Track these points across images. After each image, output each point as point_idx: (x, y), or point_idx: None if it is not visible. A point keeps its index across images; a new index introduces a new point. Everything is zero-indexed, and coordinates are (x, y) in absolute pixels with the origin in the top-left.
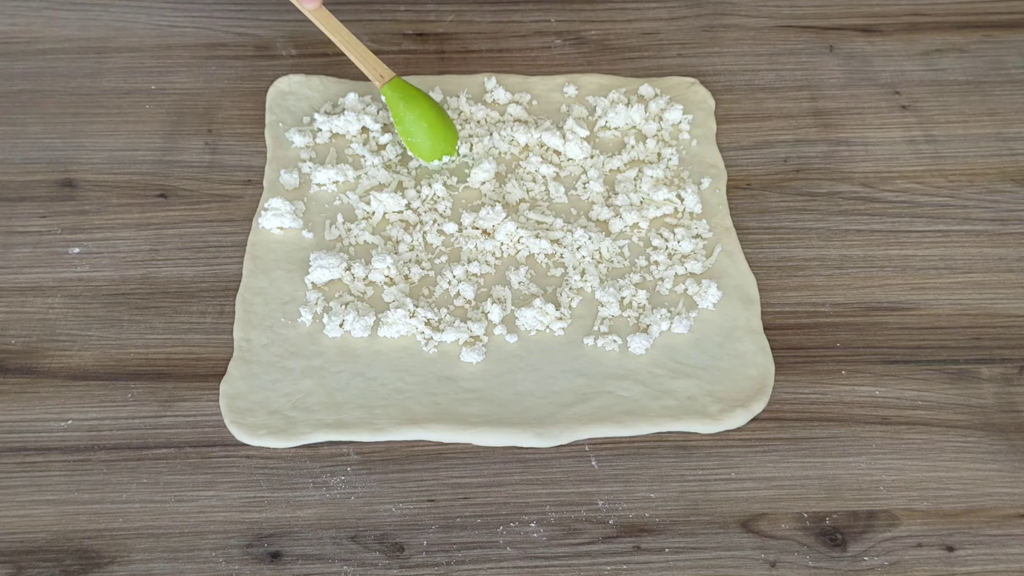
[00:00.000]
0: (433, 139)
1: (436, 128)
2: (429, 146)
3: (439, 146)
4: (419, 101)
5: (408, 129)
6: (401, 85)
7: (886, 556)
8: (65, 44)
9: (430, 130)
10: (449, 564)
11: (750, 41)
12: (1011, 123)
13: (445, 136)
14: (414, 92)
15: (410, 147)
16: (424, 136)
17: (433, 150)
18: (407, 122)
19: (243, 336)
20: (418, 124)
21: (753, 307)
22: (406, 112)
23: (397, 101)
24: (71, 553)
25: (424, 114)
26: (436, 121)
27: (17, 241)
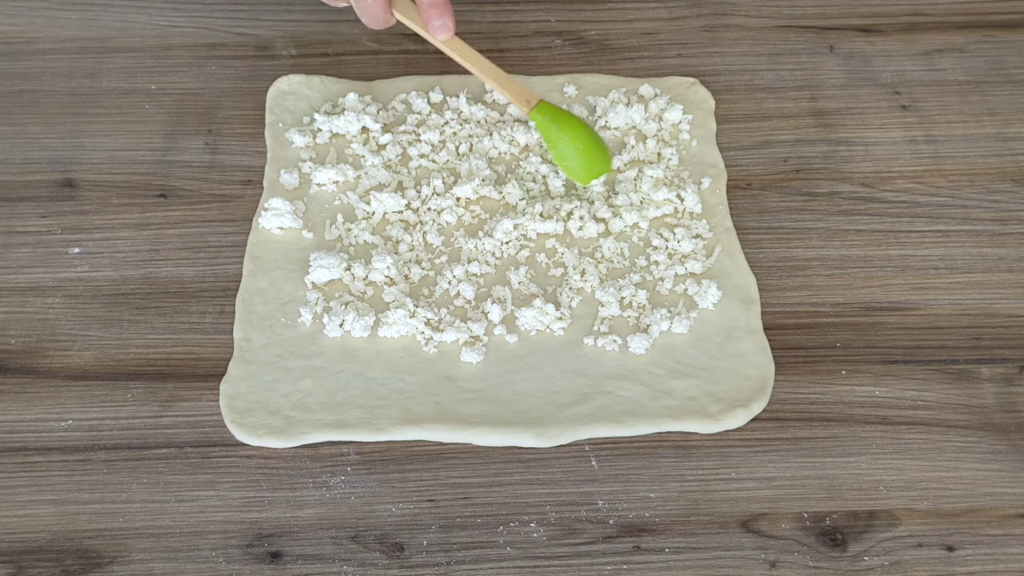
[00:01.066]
0: (589, 160)
1: (590, 148)
2: (585, 168)
3: (595, 166)
4: (570, 123)
5: (563, 153)
6: (549, 109)
7: (886, 556)
8: (65, 44)
9: (585, 152)
10: (449, 564)
11: (750, 41)
12: (1011, 123)
13: (600, 155)
14: (564, 115)
15: (565, 170)
16: (579, 158)
17: (589, 171)
18: (561, 145)
19: (243, 336)
20: (573, 146)
21: (753, 307)
22: (560, 136)
23: (548, 125)
24: (71, 553)
25: (578, 135)
26: (590, 141)
27: (17, 241)
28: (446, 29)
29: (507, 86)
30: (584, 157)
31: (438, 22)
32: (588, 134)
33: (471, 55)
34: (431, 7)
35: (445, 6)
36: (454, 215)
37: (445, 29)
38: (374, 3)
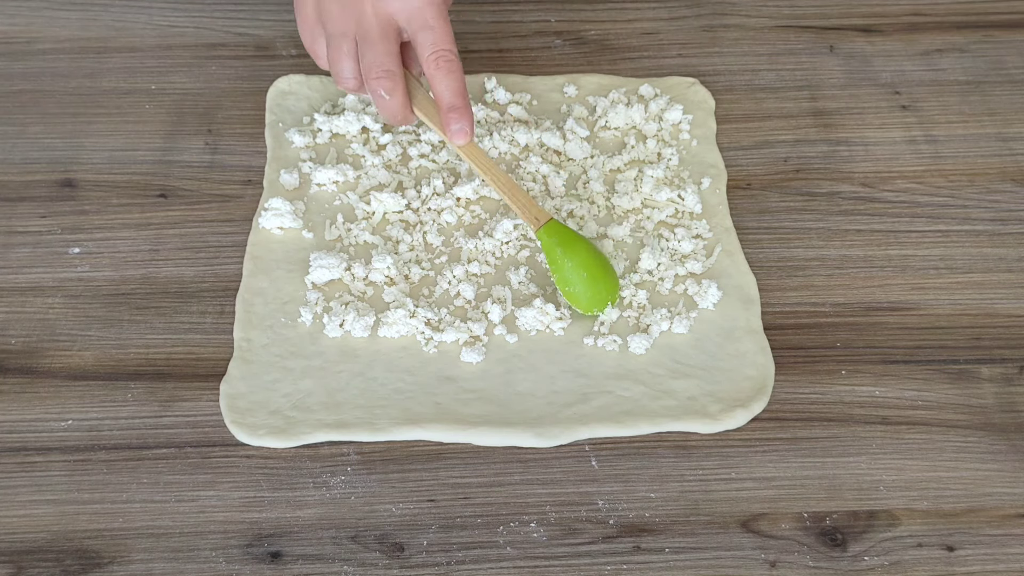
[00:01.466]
0: (592, 289)
1: (596, 278)
2: (587, 296)
3: (597, 296)
4: (577, 247)
5: (565, 277)
6: (558, 229)
7: (886, 556)
8: (65, 44)
9: (589, 280)
10: (449, 564)
11: (750, 41)
12: (1011, 123)
13: (606, 286)
14: (573, 237)
15: (565, 295)
16: (582, 285)
17: (591, 300)
18: (565, 270)
19: (243, 336)
20: (576, 273)
21: (753, 307)
22: (564, 259)
23: (553, 247)
24: (71, 553)
25: (583, 262)
26: (595, 270)
27: (17, 241)
28: (463, 134)
29: (519, 200)
30: (587, 285)
31: (456, 126)
32: (595, 261)
33: (486, 163)
34: (451, 111)
35: (464, 110)
36: (454, 215)
37: (462, 134)
38: (394, 102)
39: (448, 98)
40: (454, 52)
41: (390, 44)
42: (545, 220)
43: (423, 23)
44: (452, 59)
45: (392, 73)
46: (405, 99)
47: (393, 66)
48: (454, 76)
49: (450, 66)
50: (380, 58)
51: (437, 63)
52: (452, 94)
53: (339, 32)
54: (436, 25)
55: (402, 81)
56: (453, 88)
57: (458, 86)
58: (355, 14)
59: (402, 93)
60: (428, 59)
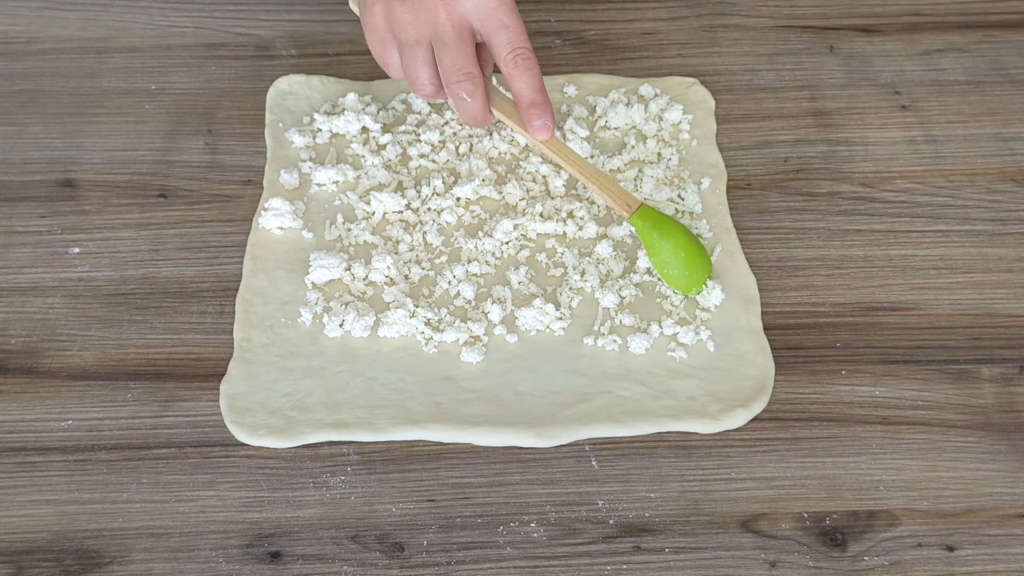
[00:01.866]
0: (690, 268)
1: (692, 256)
2: (686, 276)
3: (696, 274)
4: (672, 230)
5: (664, 260)
6: (650, 214)
7: (886, 556)
8: (65, 44)
9: (687, 260)
10: (449, 564)
11: (750, 41)
12: (1011, 123)
13: (702, 263)
14: (665, 221)
15: (664, 278)
16: (680, 267)
17: (690, 280)
18: (663, 253)
19: (243, 336)
20: (674, 255)
21: (753, 307)
22: (660, 243)
23: (649, 232)
24: (71, 553)
25: (679, 243)
26: (691, 249)
27: (17, 241)
28: (546, 129)
29: (608, 188)
30: (685, 266)
31: (538, 122)
32: (690, 242)
33: (570, 156)
34: (531, 107)
35: (545, 106)
36: (454, 215)
37: (545, 129)
38: (475, 104)
39: (528, 95)
40: (531, 49)
41: (467, 47)
42: (636, 207)
43: (498, 23)
44: (529, 56)
45: (472, 76)
46: (485, 101)
47: (473, 68)
48: (532, 73)
49: (528, 63)
50: (459, 61)
51: (515, 61)
52: (532, 91)
53: (413, 40)
54: (511, 24)
55: (482, 83)
56: (532, 85)
57: (537, 83)
58: (429, 20)
59: (483, 95)
60: (506, 58)
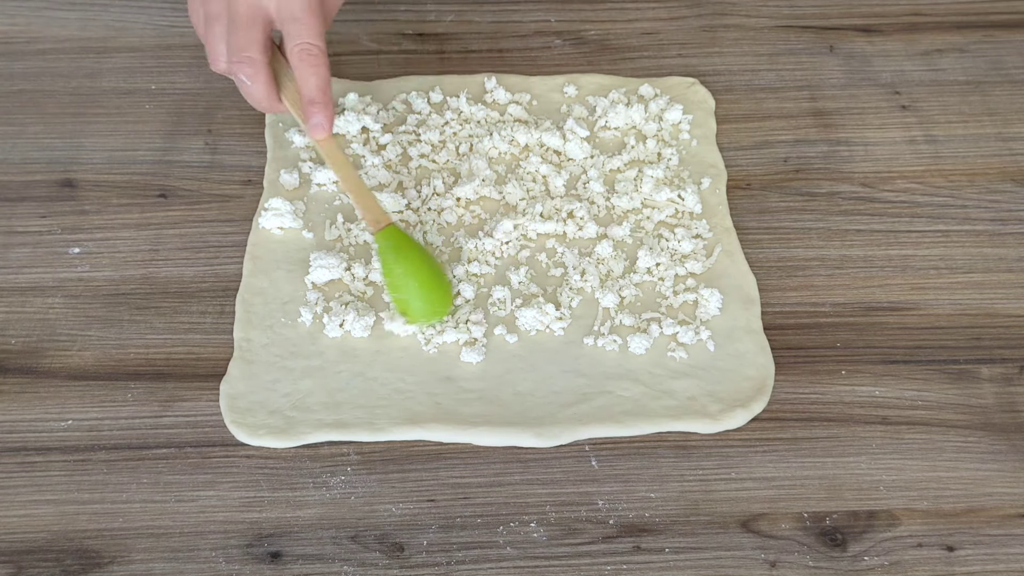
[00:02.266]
0: (421, 300)
1: (426, 289)
2: (414, 306)
3: (425, 308)
4: (413, 256)
5: (395, 283)
6: (395, 235)
7: (886, 556)
8: (65, 44)
9: (419, 290)
10: (449, 564)
11: (750, 41)
12: (1011, 123)
13: (436, 300)
14: (410, 246)
15: (394, 301)
16: (411, 294)
17: (418, 311)
18: (395, 275)
19: (243, 336)
20: (405, 281)
21: (753, 307)
22: (396, 265)
23: (388, 251)
24: (71, 553)
25: (414, 270)
26: (427, 281)
27: (17, 241)
28: (321, 129)
29: (364, 201)
30: (417, 294)
31: (315, 120)
32: (428, 272)
33: (339, 160)
34: (311, 104)
35: (325, 106)
36: (454, 215)
37: (320, 129)
38: (255, 89)
39: (309, 92)
40: (320, 47)
41: (255, 32)
42: (385, 224)
43: (291, 15)
44: (316, 53)
45: (253, 60)
46: (269, 88)
47: (255, 53)
48: (317, 70)
49: (313, 60)
50: (243, 43)
51: (301, 56)
52: (313, 88)
53: (213, 14)
54: (303, 17)
55: (265, 69)
56: (315, 83)
57: (320, 81)
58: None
59: (264, 81)
60: (292, 51)
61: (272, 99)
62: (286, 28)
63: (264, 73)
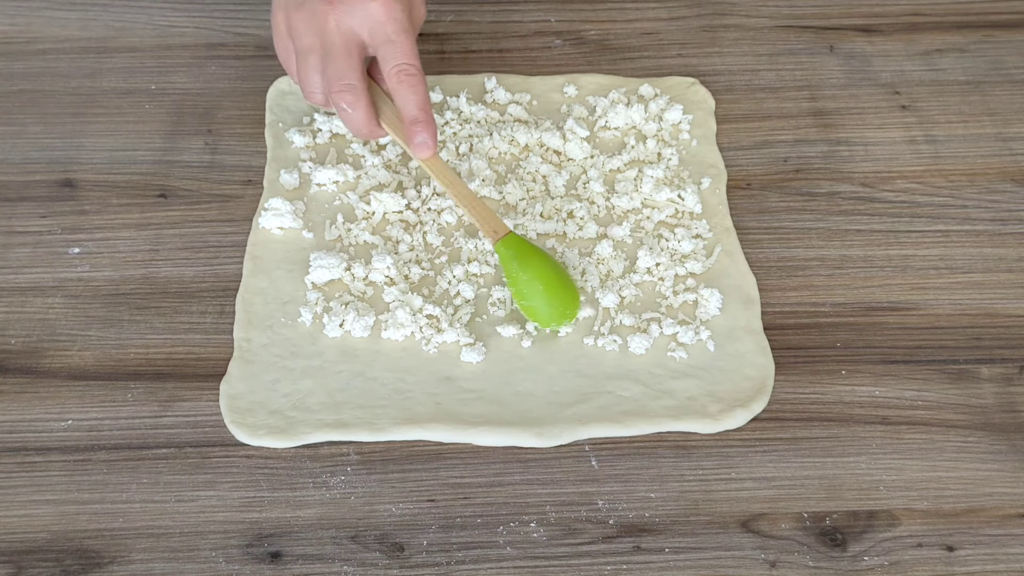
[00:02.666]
0: (549, 304)
1: (554, 292)
2: (545, 312)
3: (556, 312)
4: (536, 261)
5: (522, 291)
6: (516, 243)
7: (886, 556)
8: (65, 44)
9: (546, 294)
10: (449, 564)
11: (750, 41)
12: (1011, 123)
13: (565, 302)
14: (532, 251)
15: (523, 310)
16: (539, 299)
17: (549, 316)
18: (521, 283)
19: (243, 336)
20: (532, 286)
21: (753, 307)
22: (520, 273)
23: (511, 260)
24: (71, 553)
25: (541, 276)
26: (555, 284)
27: (17, 241)
28: (426, 147)
29: (479, 212)
30: (544, 299)
31: (419, 139)
32: (554, 275)
33: (449, 177)
34: (414, 124)
35: (428, 124)
36: (454, 215)
37: (425, 147)
38: (357, 115)
39: (411, 111)
40: (417, 66)
41: (352, 58)
42: (504, 233)
43: (385, 37)
44: (414, 73)
45: (353, 87)
46: (369, 113)
47: (355, 80)
48: (416, 89)
49: (412, 80)
50: (342, 71)
51: (399, 77)
52: (415, 107)
53: (306, 47)
54: (398, 39)
55: (365, 95)
56: (415, 102)
57: (421, 100)
58: (319, 29)
59: (365, 107)
60: (390, 73)
61: (372, 124)
62: (381, 51)
63: (364, 99)
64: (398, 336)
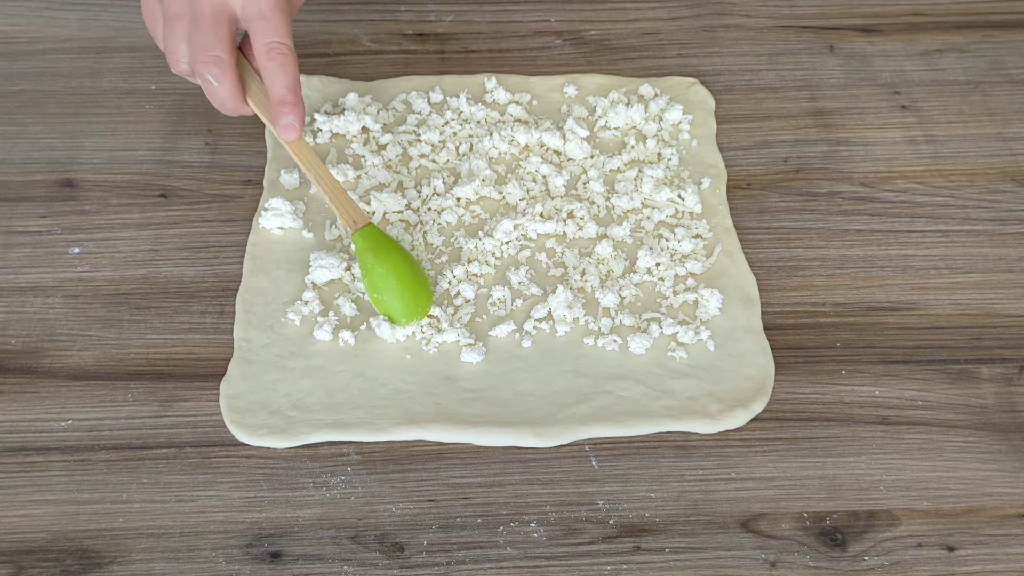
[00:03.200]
0: (402, 300)
1: (407, 288)
2: (397, 306)
3: (406, 308)
4: (392, 256)
5: (375, 284)
6: (374, 235)
7: (886, 556)
8: (65, 44)
9: (399, 290)
10: (449, 564)
11: (750, 41)
12: (1011, 123)
13: (417, 299)
14: (388, 244)
15: (374, 303)
16: (391, 294)
17: (401, 311)
18: (375, 277)
19: (243, 336)
20: (386, 281)
21: (753, 307)
22: (375, 266)
23: (366, 252)
24: (71, 553)
25: (394, 270)
26: (407, 280)
27: (17, 241)
28: (292, 129)
29: (341, 201)
30: (396, 294)
31: (285, 121)
32: (409, 273)
33: (312, 161)
34: (280, 104)
35: (296, 105)
36: (454, 215)
37: (291, 129)
38: (222, 90)
39: (279, 91)
40: (289, 46)
41: (221, 30)
42: (363, 224)
43: (259, 12)
44: (286, 52)
45: (220, 60)
46: (235, 89)
47: (222, 52)
48: (287, 69)
49: (283, 59)
50: (209, 43)
51: (270, 55)
52: (283, 87)
53: (174, 14)
54: (271, 16)
55: (232, 70)
56: (284, 82)
57: (290, 80)
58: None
59: (231, 82)
60: (260, 50)
61: (238, 100)
62: (253, 27)
63: (231, 73)
64: (387, 338)
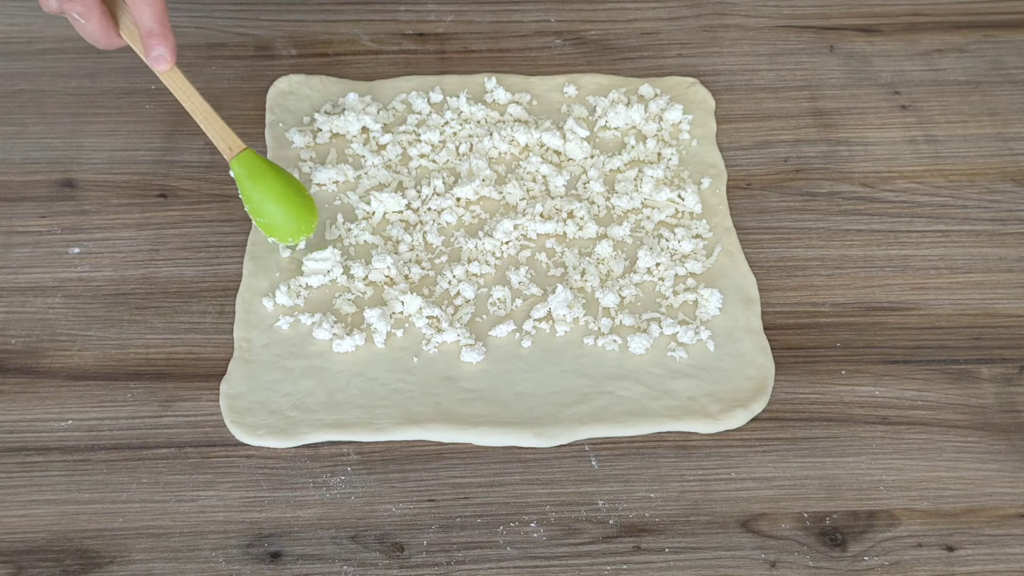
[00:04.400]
0: (285, 219)
1: (288, 208)
2: (278, 227)
3: (290, 227)
4: (271, 178)
5: (256, 208)
6: (252, 160)
7: (886, 556)
8: (65, 44)
9: (280, 212)
10: (449, 564)
11: (750, 41)
12: (1011, 123)
13: (300, 217)
14: (266, 166)
15: (259, 225)
16: (272, 217)
17: (282, 231)
18: (255, 199)
19: (243, 336)
20: (263, 204)
21: (753, 307)
22: (254, 190)
23: (244, 178)
24: (71, 553)
25: (272, 193)
26: (287, 202)
27: (17, 241)
28: (164, 60)
29: (215, 129)
30: (280, 214)
31: (155, 52)
32: (289, 191)
33: (187, 91)
34: (150, 36)
35: (165, 36)
36: (454, 215)
37: (163, 60)
38: (90, 26)
39: (147, 23)
40: None
41: None
42: (239, 150)
43: None
44: None
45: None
46: (104, 23)
47: None
48: (153, 2)
49: None
50: None
51: None
52: (150, 19)
53: None
54: None
55: (98, 5)
56: (151, 14)
57: (157, 12)
58: None
59: (98, 17)
60: None
61: (110, 35)
62: None
63: (97, 9)
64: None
